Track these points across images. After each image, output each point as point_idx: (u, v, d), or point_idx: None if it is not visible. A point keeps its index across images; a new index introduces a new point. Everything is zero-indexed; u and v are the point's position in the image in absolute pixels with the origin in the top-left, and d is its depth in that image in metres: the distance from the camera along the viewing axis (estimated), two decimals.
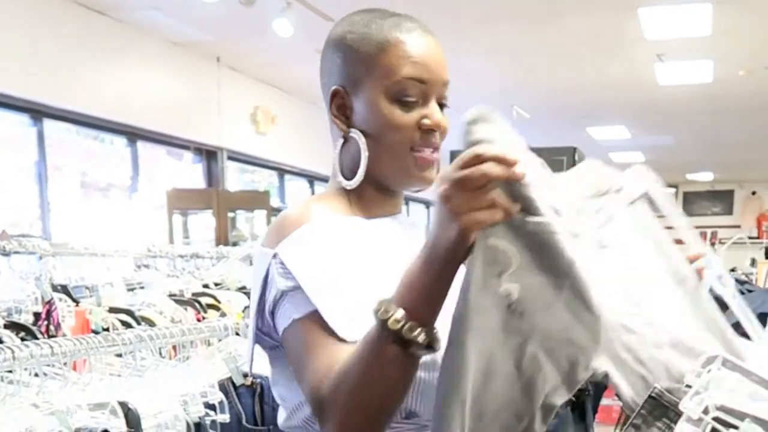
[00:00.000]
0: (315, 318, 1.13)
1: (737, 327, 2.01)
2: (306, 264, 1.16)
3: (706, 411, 0.88)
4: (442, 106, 1.25)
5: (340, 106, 1.27)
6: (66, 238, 5.26)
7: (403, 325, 1.00)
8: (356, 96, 1.24)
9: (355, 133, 1.25)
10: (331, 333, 1.11)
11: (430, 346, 1.02)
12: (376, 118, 1.22)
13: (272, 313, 1.20)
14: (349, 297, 1.13)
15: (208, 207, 7.26)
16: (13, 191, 6.20)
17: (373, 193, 1.29)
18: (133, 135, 7.22)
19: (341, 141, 1.27)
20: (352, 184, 1.26)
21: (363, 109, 1.24)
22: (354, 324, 1.10)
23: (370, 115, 1.23)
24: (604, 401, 3.68)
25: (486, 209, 0.94)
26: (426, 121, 1.21)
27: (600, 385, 0.89)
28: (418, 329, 1.00)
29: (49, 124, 6.31)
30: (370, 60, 1.22)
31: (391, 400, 1.06)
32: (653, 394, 1.05)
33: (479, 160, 0.93)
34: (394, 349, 1.01)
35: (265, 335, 1.25)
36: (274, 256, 1.18)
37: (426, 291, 1.02)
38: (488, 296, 0.99)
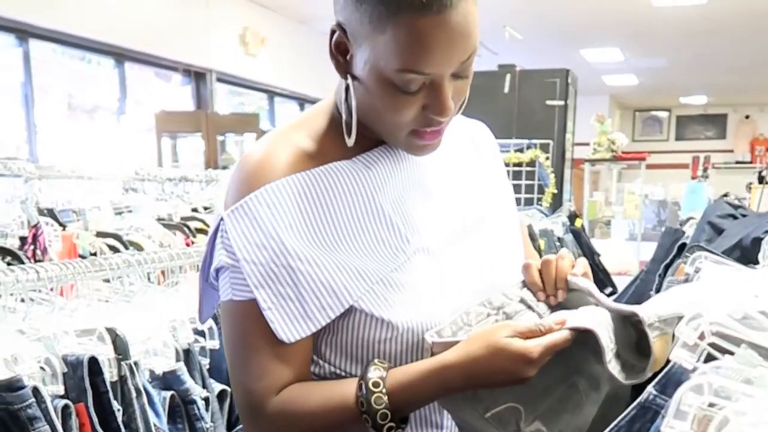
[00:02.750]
0: (255, 309, 1.07)
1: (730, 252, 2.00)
2: (250, 246, 1.07)
3: (702, 337, 0.87)
4: (460, 76, 1.06)
5: (338, 45, 1.08)
6: (53, 161, 5.21)
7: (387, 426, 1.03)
8: (356, 49, 1.06)
9: (352, 86, 1.09)
10: (271, 330, 1.08)
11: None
12: (374, 94, 1.06)
13: (216, 277, 1.14)
14: (294, 288, 1.07)
15: (197, 130, 7.18)
16: None
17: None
18: (121, 56, 7.10)
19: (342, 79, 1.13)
20: (350, 142, 1.13)
21: (362, 71, 1.06)
22: (295, 321, 1.07)
23: (368, 84, 1.06)
24: None
25: None
26: (430, 115, 1.06)
27: None
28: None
29: (35, 45, 6.19)
30: (372, 29, 1.00)
31: None
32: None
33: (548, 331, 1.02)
34: (363, 429, 1.04)
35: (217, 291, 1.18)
36: (222, 219, 1.10)
37: (434, 397, 1.08)
38: None
